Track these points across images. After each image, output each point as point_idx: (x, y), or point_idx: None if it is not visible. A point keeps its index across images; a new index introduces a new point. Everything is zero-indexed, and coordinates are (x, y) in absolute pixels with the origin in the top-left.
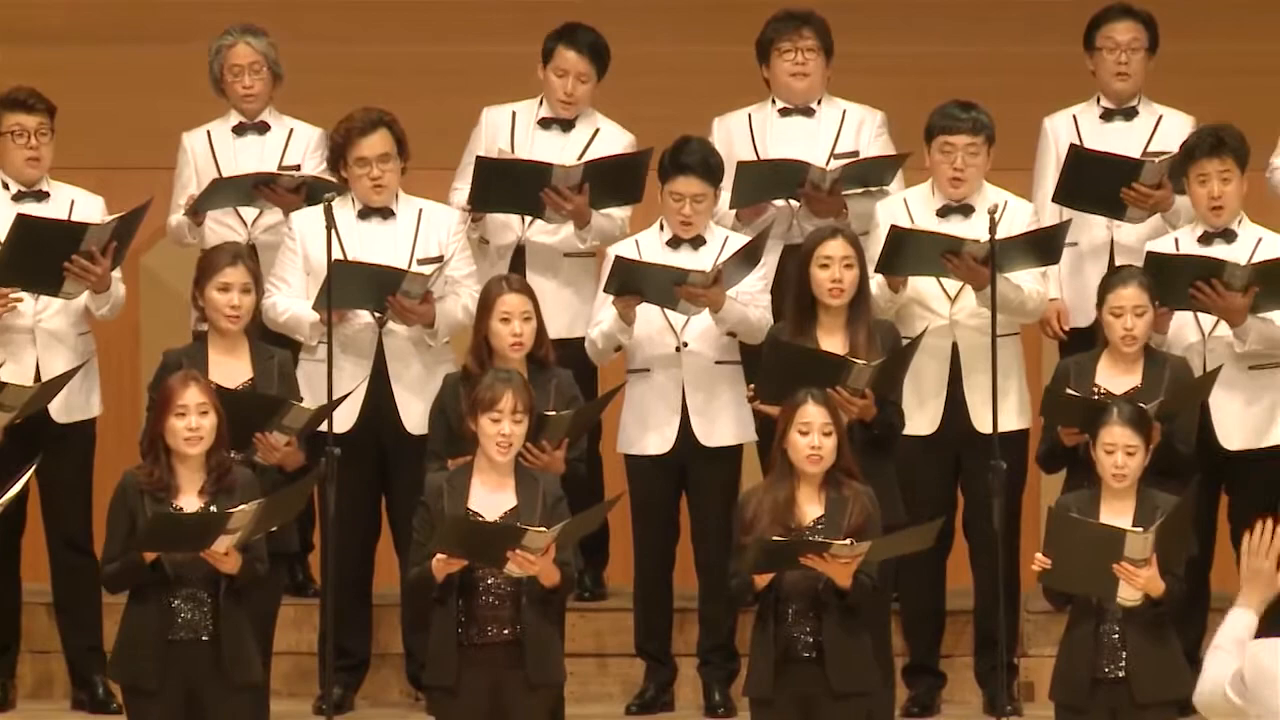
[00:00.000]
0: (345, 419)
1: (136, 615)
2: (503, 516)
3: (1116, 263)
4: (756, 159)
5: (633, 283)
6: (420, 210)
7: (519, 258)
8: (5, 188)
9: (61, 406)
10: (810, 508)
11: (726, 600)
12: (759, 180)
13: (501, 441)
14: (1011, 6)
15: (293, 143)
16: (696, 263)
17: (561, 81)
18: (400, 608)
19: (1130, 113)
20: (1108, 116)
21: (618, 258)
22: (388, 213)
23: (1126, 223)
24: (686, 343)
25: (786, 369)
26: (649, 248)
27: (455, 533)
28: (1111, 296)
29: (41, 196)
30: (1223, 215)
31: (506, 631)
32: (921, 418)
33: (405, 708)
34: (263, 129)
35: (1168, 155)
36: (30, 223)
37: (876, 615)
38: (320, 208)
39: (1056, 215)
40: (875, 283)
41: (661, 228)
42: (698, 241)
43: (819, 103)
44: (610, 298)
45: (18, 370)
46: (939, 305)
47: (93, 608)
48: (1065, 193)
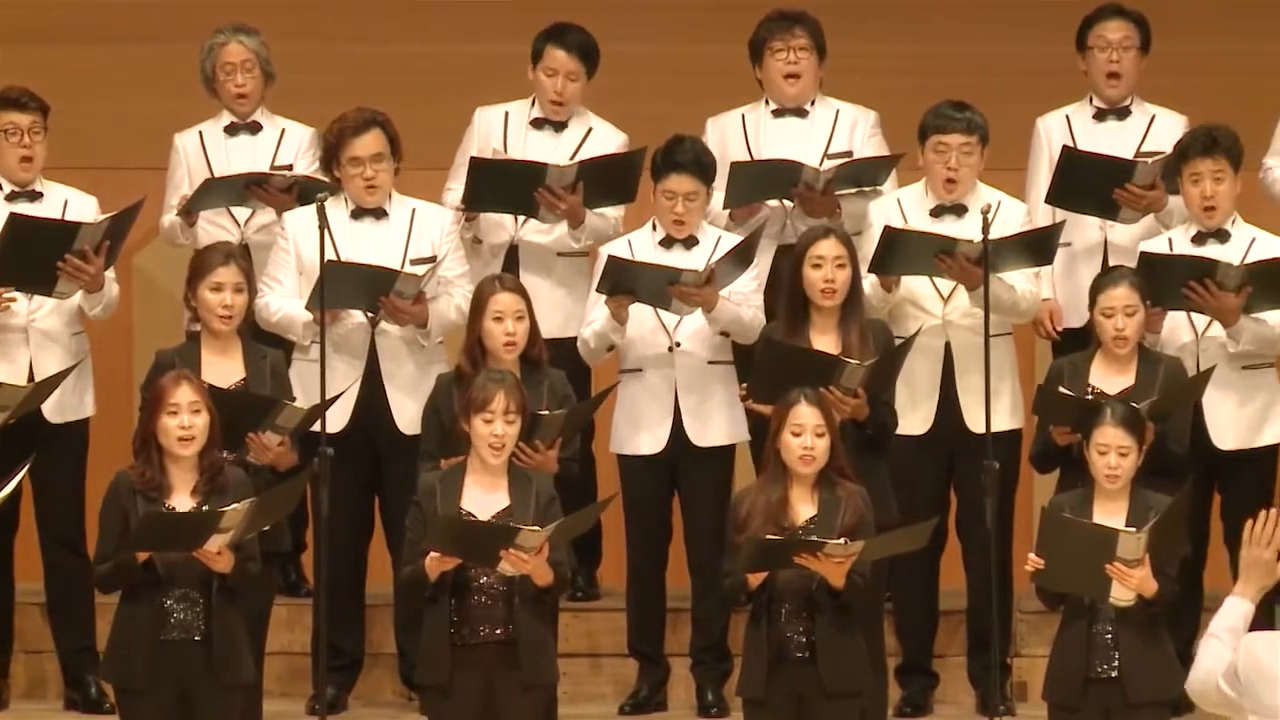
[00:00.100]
0: (338, 419)
1: (129, 615)
2: (496, 516)
3: (1110, 263)
4: (750, 159)
5: (625, 282)
6: (413, 210)
7: (512, 257)
8: None
9: (55, 406)
10: (803, 508)
11: (719, 600)
12: (752, 181)
13: (494, 442)
14: (1005, 7)
15: (285, 143)
16: (689, 262)
17: (551, 81)
18: (393, 607)
19: (1123, 113)
20: (1100, 116)
21: (610, 257)
22: (381, 213)
23: (1120, 223)
24: (679, 342)
25: (779, 368)
26: (641, 247)
27: (448, 532)
28: (1102, 297)
29: (35, 196)
30: (1216, 215)
31: (499, 631)
32: (914, 417)
33: (398, 707)
34: (255, 129)
35: (1161, 155)
36: (23, 222)
37: (869, 615)
38: (313, 208)
39: (1050, 216)
40: (869, 282)
41: (654, 227)
42: (690, 241)
43: (812, 103)
44: (603, 297)
45: (11, 370)
46: (932, 305)
47: (85, 608)
48: (1058, 193)
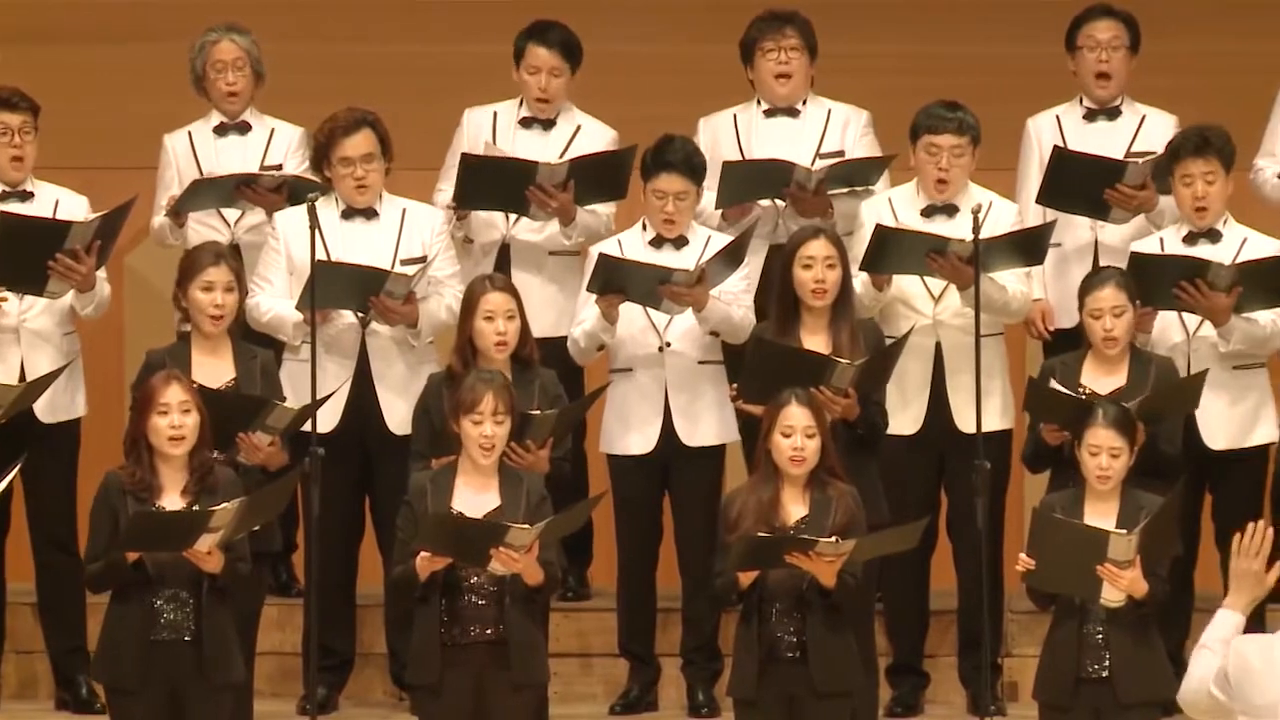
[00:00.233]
0: (328, 419)
1: (119, 615)
2: (486, 516)
3: (1101, 263)
4: (742, 159)
5: (616, 281)
6: (404, 210)
7: (504, 256)
8: None
9: (46, 406)
10: (794, 508)
11: (710, 600)
12: (745, 180)
13: (484, 443)
14: (998, 7)
15: (274, 142)
16: (679, 262)
17: (535, 79)
18: (384, 607)
19: (1113, 112)
20: (1091, 117)
21: (601, 256)
22: (371, 213)
23: (1110, 223)
24: (669, 342)
25: (770, 368)
26: (632, 247)
27: (438, 530)
28: (1090, 299)
29: (25, 196)
30: (1206, 216)
31: (490, 631)
32: (904, 417)
33: (389, 707)
34: (244, 129)
35: (1151, 156)
36: (14, 221)
37: (860, 615)
38: (304, 208)
39: (1040, 216)
40: (860, 281)
41: (644, 227)
42: (680, 241)
43: (804, 103)
44: (593, 296)
45: (2, 370)
46: (923, 305)
47: (76, 608)
48: (1049, 194)
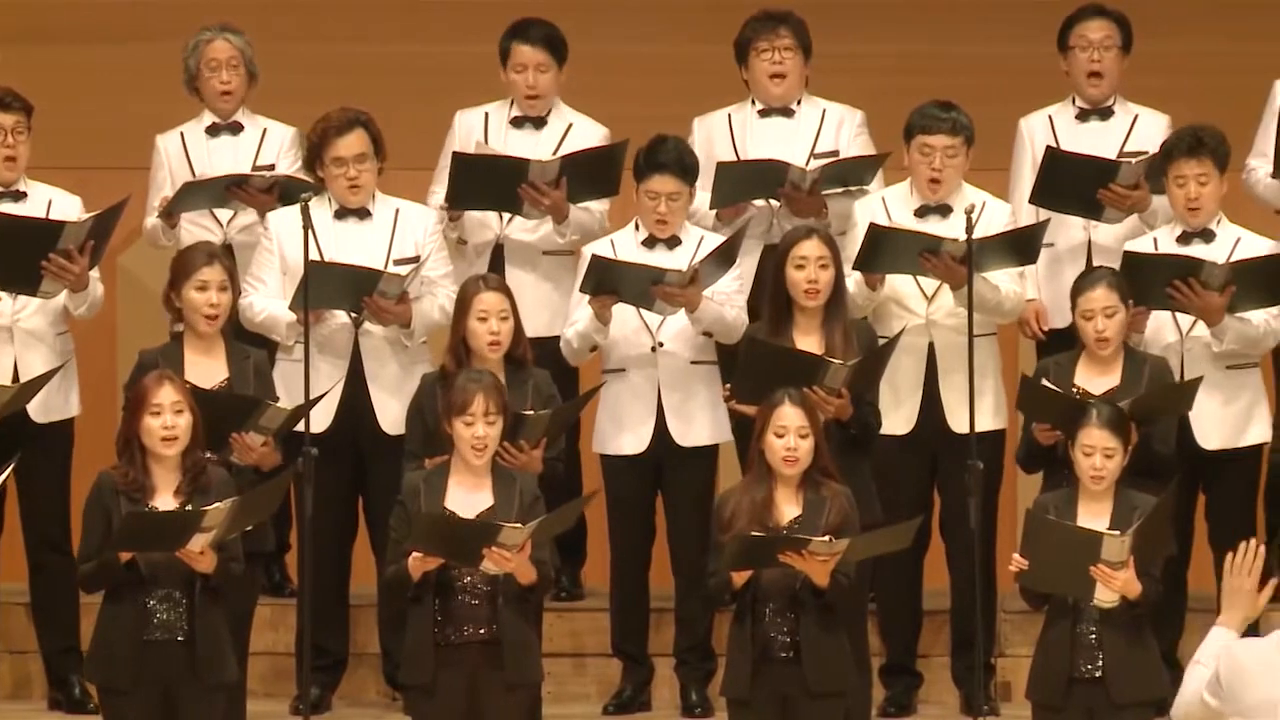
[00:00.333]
0: (321, 419)
1: (112, 615)
2: (479, 516)
3: (1094, 263)
4: (737, 159)
5: (609, 282)
6: (397, 210)
7: (498, 256)
8: None
9: (40, 406)
10: (788, 508)
11: (704, 599)
12: (739, 181)
13: (476, 444)
14: (992, 7)
15: (266, 142)
16: (672, 262)
17: (522, 76)
18: (377, 607)
19: (1106, 112)
20: (1083, 116)
21: (594, 257)
22: (364, 213)
23: (1104, 223)
24: (662, 342)
25: (763, 368)
26: (624, 247)
27: (431, 530)
28: (1081, 300)
29: (19, 196)
30: (1199, 216)
31: (483, 631)
32: (897, 417)
33: (382, 707)
34: (236, 129)
35: (1144, 156)
36: (7, 221)
37: (853, 615)
38: (297, 208)
39: (1033, 216)
40: (853, 281)
41: (637, 227)
42: (673, 241)
43: (798, 103)
44: (586, 297)
45: None
46: (916, 305)
47: (70, 608)
48: (1042, 194)
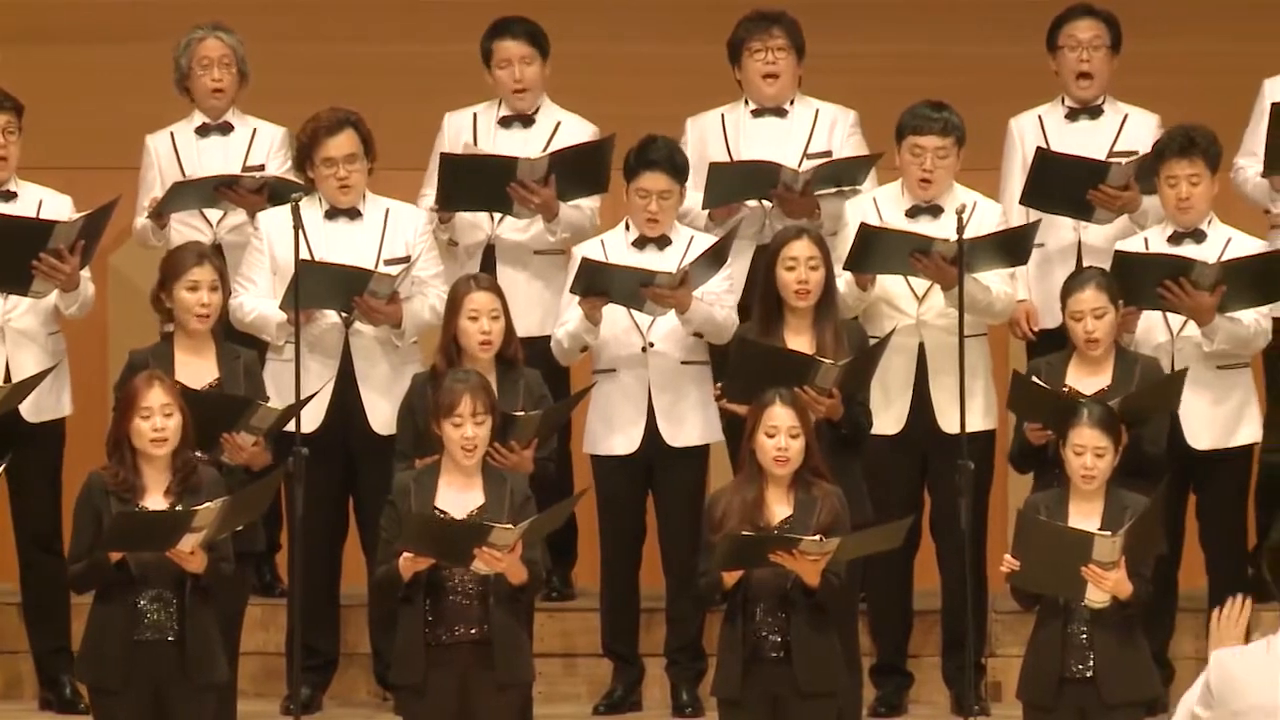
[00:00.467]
0: (312, 419)
1: (102, 615)
2: (470, 515)
3: (1084, 263)
4: (729, 160)
5: (599, 284)
6: (387, 210)
7: (489, 256)
8: None
9: (32, 406)
10: (779, 508)
11: (694, 599)
12: (732, 181)
13: (465, 445)
14: (986, 7)
15: (256, 143)
16: (662, 263)
17: (507, 71)
18: (368, 607)
19: (1095, 112)
20: (1073, 116)
21: (584, 259)
22: (354, 213)
23: (1094, 224)
24: (653, 343)
25: (754, 368)
26: (615, 248)
27: (422, 530)
28: (1071, 300)
29: (9, 196)
30: (1190, 216)
31: (474, 631)
32: (887, 417)
33: (373, 707)
34: (226, 129)
35: (1135, 157)
36: None
37: (844, 615)
38: (287, 208)
39: (1024, 216)
40: (844, 281)
41: (627, 228)
42: (663, 242)
43: (791, 103)
44: (576, 298)
45: None
46: (906, 305)
47: (61, 608)
48: (1032, 195)
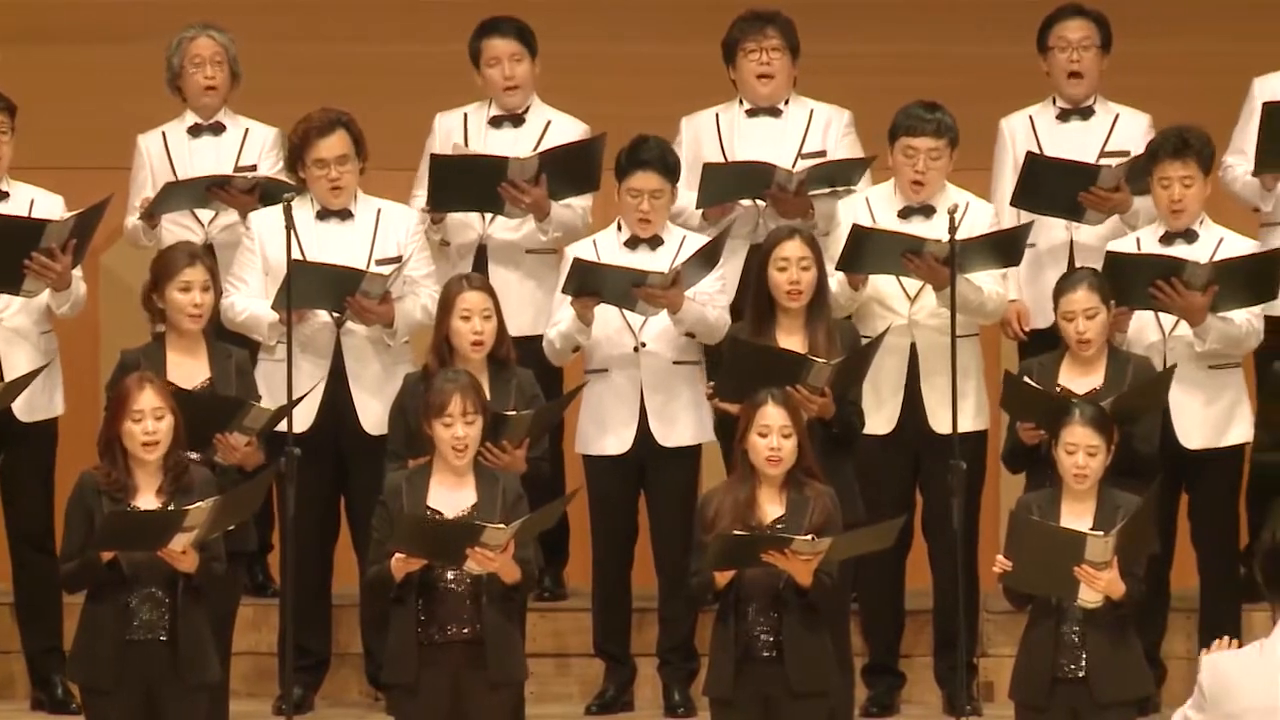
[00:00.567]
0: (303, 419)
1: (94, 615)
2: (463, 515)
3: (1076, 264)
4: (724, 160)
5: (591, 284)
6: (379, 210)
7: (481, 256)
8: None
9: (24, 406)
10: (771, 508)
11: (686, 599)
12: (726, 182)
13: (456, 444)
14: (979, 7)
15: (248, 143)
16: (654, 263)
17: (497, 69)
18: (359, 607)
19: (1086, 112)
20: (1064, 116)
21: (576, 259)
22: (346, 213)
23: (1085, 225)
24: (645, 343)
25: (746, 367)
26: (607, 248)
27: (413, 531)
28: (1063, 301)
29: (1, 196)
30: (1183, 218)
31: (467, 630)
32: (879, 417)
33: (365, 707)
34: (218, 129)
35: (1125, 159)
36: None
37: (836, 615)
38: (279, 208)
39: (1016, 217)
40: (836, 281)
41: (619, 228)
42: (655, 242)
43: (786, 103)
44: (568, 298)
45: None
46: (898, 305)
47: (53, 608)
48: (1022, 198)
